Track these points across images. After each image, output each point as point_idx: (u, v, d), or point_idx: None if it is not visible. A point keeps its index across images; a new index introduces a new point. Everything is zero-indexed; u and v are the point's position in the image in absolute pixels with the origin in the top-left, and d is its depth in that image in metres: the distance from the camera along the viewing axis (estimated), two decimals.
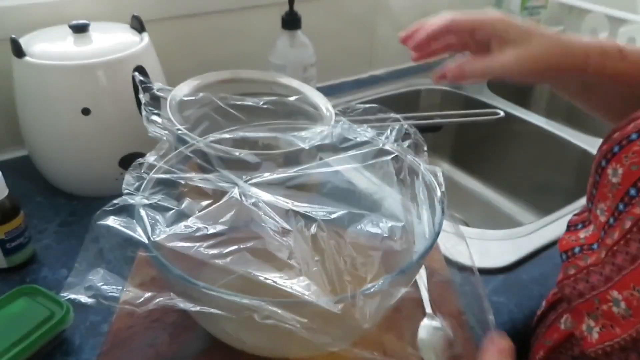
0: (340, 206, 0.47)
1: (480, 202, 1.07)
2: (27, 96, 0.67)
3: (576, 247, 0.45)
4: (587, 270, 0.42)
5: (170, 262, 0.37)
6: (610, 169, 0.40)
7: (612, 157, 0.40)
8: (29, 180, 0.74)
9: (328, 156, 0.52)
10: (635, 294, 0.36)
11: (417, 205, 0.45)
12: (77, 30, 0.68)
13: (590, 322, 0.40)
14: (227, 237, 0.43)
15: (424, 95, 1.12)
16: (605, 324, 0.38)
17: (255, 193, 0.45)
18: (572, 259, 0.45)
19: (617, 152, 0.40)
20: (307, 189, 0.51)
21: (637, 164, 0.38)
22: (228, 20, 0.93)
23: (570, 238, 0.47)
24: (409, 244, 0.44)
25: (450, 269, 0.61)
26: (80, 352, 0.50)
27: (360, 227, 0.47)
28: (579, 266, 0.43)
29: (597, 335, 0.39)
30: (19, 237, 0.58)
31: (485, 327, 0.45)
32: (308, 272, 0.40)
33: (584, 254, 0.44)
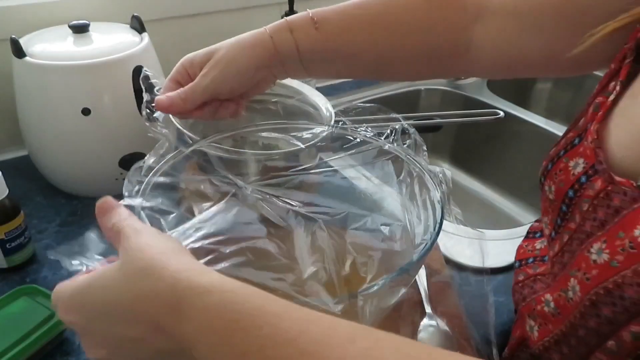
0: (340, 206, 0.47)
1: (480, 202, 1.07)
2: (27, 96, 0.67)
3: (530, 257, 0.49)
4: (534, 278, 0.46)
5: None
6: (546, 186, 0.42)
7: (546, 174, 0.42)
8: (29, 180, 0.74)
9: (328, 156, 0.52)
10: (562, 295, 0.39)
11: (417, 205, 0.45)
12: (77, 30, 0.68)
13: (530, 322, 0.44)
14: (228, 237, 0.43)
15: (424, 95, 1.12)
16: (541, 322, 0.42)
17: (255, 194, 0.45)
18: (523, 267, 0.49)
19: (550, 170, 0.42)
20: (307, 189, 0.51)
21: (563, 181, 0.40)
22: (228, 20, 0.93)
23: (527, 247, 0.51)
24: (409, 244, 0.44)
25: (450, 269, 0.61)
26: (80, 352, 0.50)
27: (360, 227, 0.47)
28: (527, 274, 0.47)
29: (537, 333, 0.42)
30: (19, 237, 0.58)
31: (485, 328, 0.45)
32: (308, 273, 0.40)
33: (536, 264, 0.48)
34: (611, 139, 0.37)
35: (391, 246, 0.45)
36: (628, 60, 0.39)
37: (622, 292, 0.33)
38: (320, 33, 0.49)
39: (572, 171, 0.39)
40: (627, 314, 0.33)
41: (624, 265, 0.33)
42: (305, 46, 0.49)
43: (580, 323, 0.37)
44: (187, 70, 0.51)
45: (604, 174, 0.36)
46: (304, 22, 0.49)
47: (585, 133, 0.39)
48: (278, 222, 0.46)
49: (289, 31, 0.48)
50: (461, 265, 0.62)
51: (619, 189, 0.35)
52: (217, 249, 0.41)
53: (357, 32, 0.50)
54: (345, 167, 0.51)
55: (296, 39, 0.48)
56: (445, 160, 1.16)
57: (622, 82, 0.39)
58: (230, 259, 0.40)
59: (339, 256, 0.42)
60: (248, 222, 0.45)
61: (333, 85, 1.09)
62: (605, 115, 0.39)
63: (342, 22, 0.50)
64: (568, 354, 0.39)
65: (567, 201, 0.39)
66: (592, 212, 0.37)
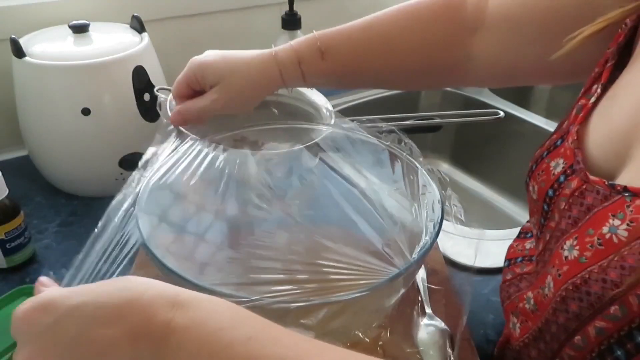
0: (340, 206, 0.47)
1: (480, 202, 1.07)
2: (27, 96, 0.67)
3: (519, 257, 0.50)
4: (520, 277, 0.47)
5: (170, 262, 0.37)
6: (530, 186, 0.43)
7: (530, 175, 0.44)
8: (29, 180, 0.74)
9: (328, 156, 0.52)
10: (540, 292, 0.40)
11: (417, 205, 0.45)
12: (77, 30, 0.68)
13: (514, 319, 0.44)
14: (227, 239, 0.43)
15: (423, 95, 1.12)
16: (522, 319, 0.43)
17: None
18: (512, 266, 0.49)
19: (533, 170, 0.43)
20: (306, 189, 0.51)
21: (545, 181, 0.41)
22: (228, 20, 0.93)
23: (517, 247, 0.52)
24: (409, 244, 0.44)
25: (450, 269, 0.61)
26: None
27: (359, 228, 0.47)
28: (515, 272, 0.48)
29: (519, 330, 0.43)
30: (19, 237, 0.58)
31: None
32: (305, 273, 0.40)
33: (524, 263, 0.48)
34: (589, 140, 0.39)
35: (390, 246, 0.45)
36: (610, 64, 0.40)
37: (588, 287, 0.34)
38: (326, 63, 0.52)
39: (553, 171, 0.40)
40: (592, 310, 0.34)
41: (591, 262, 0.34)
42: (311, 75, 0.52)
43: (552, 319, 0.38)
44: (198, 80, 0.54)
45: (580, 173, 0.37)
46: (312, 53, 0.51)
47: (567, 135, 0.40)
48: (277, 224, 0.46)
49: (297, 63, 0.52)
50: (461, 265, 0.62)
51: (592, 187, 0.36)
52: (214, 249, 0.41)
53: (359, 57, 0.53)
54: (344, 166, 0.50)
55: (304, 70, 0.52)
56: (445, 160, 1.16)
57: (604, 85, 0.40)
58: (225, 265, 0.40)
59: (338, 257, 0.42)
60: (247, 222, 0.45)
61: None
62: (585, 117, 0.40)
63: (345, 48, 0.52)
64: (544, 350, 0.40)
65: (548, 200, 0.40)
66: (568, 210, 0.37)
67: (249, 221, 0.47)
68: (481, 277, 0.61)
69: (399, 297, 0.41)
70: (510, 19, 0.48)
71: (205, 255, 0.44)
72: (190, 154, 0.47)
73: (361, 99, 1.04)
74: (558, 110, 1.19)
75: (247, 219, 0.47)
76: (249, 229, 0.47)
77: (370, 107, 1.04)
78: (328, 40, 0.52)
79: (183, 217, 0.44)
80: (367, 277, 0.38)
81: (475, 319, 0.55)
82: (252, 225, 0.47)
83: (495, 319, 0.56)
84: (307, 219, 0.48)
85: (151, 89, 0.69)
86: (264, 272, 0.40)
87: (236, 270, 0.42)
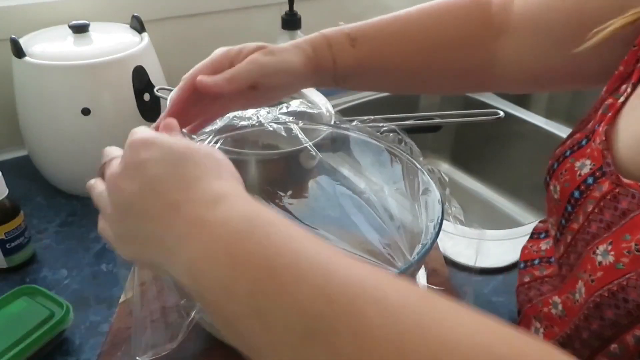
0: (340, 206, 0.47)
1: (480, 202, 1.07)
2: (27, 96, 0.67)
3: (536, 258, 0.48)
4: (541, 280, 0.45)
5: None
6: (552, 185, 0.42)
7: (552, 174, 0.42)
8: (29, 180, 0.74)
9: (328, 156, 0.52)
10: (570, 297, 0.39)
11: (418, 205, 0.45)
12: (77, 30, 0.68)
13: (536, 324, 0.43)
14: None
15: (423, 95, 1.12)
16: (547, 324, 0.42)
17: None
18: (529, 268, 0.48)
19: (555, 169, 0.42)
20: (305, 189, 0.51)
21: (569, 181, 0.39)
22: (228, 20, 0.93)
23: (532, 248, 0.50)
24: (409, 244, 0.44)
25: (450, 269, 0.61)
26: (80, 352, 0.50)
27: (359, 228, 0.47)
28: (534, 275, 0.47)
29: (542, 335, 0.42)
30: (19, 237, 0.58)
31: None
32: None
33: (542, 265, 0.47)
34: (619, 141, 0.37)
35: (391, 247, 0.45)
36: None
37: (626, 294, 0.33)
38: (356, 50, 0.49)
39: (578, 172, 0.39)
40: (630, 317, 0.33)
41: (629, 268, 0.33)
42: (342, 62, 0.49)
43: (584, 325, 0.37)
44: (229, 60, 0.48)
45: (611, 176, 0.36)
46: (342, 39, 0.49)
47: (592, 134, 0.39)
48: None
49: (327, 46, 0.49)
50: (461, 265, 0.62)
51: (626, 191, 0.35)
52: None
53: (392, 49, 0.50)
54: (344, 166, 0.51)
55: (334, 55, 0.49)
56: (445, 160, 1.16)
57: (634, 85, 0.38)
58: None
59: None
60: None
61: None
62: (614, 117, 0.38)
63: (377, 39, 0.50)
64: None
65: (573, 202, 0.39)
66: (599, 213, 0.36)
67: None
68: (481, 277, 0.61)
69: None
70: (535, 20, 0.47)
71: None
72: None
73: (361, 99, 1.04)
74: (558, 111, 1.19)
75: None
76: None
77: (370, 107, 1.04)
78: (358, 28, 0.50)
79: None
80: None
81: None
82: None
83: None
84: (306, 219, 0.48)
85: (151, 89, 0.69)
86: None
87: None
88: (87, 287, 0.57)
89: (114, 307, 0.53)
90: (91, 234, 0.65)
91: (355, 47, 0.49)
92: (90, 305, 0.55)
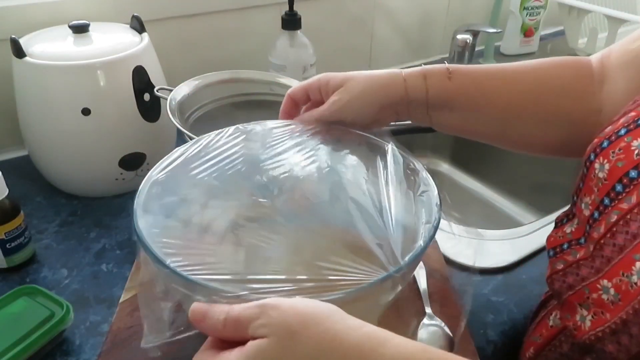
0: (335, 206, 0.47)
1: (480, 202, 1.07)
2: (27, 96, 0.67)
3: (564, 243, 0.47)
4: (577, 264, 0.43)
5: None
6: (597, 164, 0.41)
7: (600, 152, 0.41)
8: (29, 180, 0.74)
9: (325, 155, 0.52)
10: (624, 280, 0.37)
11: (415, 206, 0.45)
12: (77, 30, 0.68)
13: (583, 312, 0.42)
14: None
15: None
16: (596, 311, 0.40)
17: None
18: (560, 254, 0.46)
19: (605, 147, 0.41)
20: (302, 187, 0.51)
21: (623, 160, 0.39)
22: (228, 20, 0.93)
23: (557, 234, 0.49)
24: (403, 246, 0.44)
25: (450, 269, 0.61)
26: (80, 352, 0.50)
27: (354, 227, 0.47)
28: (567, 261, 0.45)
29: (589, 323, 0.41)
30: (19, 237, 0.58)
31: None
32: (305, 273, 0.40)
33: (572, 249, 0.45)
34: None
35: (383, 247, 0.44)
36: None
37: None
38: (452, 83, 0.50)
39: (636, 151, 0.38)
40: None
41: None
42: (435, 92, 0.50)
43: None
44: (320, 89, 0.52)
45: None
46: (439, 71, 0.50)
47: None
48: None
49: (422, 77, 0.50)
50: (461, 265, 0.62)
51: None
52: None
53: (489, 83, 0.51)
54: (341, 166, 0.50)
55: (428, 85, 0.50)
56: (445, 160, 1.16)
57: None
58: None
59: (336, 257, 0.42)
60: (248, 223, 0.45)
61: None
62: None
63: (476, 74, 0.51)
64: (627, 344, 0.37)
65: (626, 181, 0.38)
66: None
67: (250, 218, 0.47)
68: (481, 277, 0.61)
69: (391, 300, 0.41)
70: (633, 65, 0.48)
71: (203, 249, 0.44)
72: (193, 151, 0.47)
73: None
74: None
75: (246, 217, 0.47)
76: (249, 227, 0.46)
77: None
78: (458, 66, 0.51)
79: (184, 212, 0.44)
80: (357, 278, 0.38)
81: (475, 319, 0.55)
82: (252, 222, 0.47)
83: (495, 319, 0.56)
84: (300, 219, 0.47)
85: (151, 89, 0.69)
86: (259, 270, 0.40)
87: (231, 267, 0.42)
88: (87, 287, 0.57)
89: (114, 307, 0.53)
90: (91, 234, 0.65)
91: (451, 80, 0.50)
92: (90, 305, 0.55)
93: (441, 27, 1.23)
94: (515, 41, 1.26)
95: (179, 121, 0.62)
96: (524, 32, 1.25)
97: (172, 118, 0.62)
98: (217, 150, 0.47)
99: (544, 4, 1.24)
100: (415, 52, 1.22)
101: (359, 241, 0.42)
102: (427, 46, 1.23)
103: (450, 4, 1.22)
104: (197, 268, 0.36)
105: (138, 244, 0.38)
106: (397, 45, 1.18)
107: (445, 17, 1.22)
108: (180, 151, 0.47)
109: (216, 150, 0.47)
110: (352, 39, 1.10)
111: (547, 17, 1.27)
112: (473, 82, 0.51)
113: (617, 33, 1.15)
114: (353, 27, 1.09)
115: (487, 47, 1.23)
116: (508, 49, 1.28)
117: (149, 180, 0.44)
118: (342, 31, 1.08)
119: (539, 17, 1.25)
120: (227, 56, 0.96)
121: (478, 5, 1.27)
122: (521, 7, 1.22)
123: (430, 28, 1.21)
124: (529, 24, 1.25)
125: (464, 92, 0.50)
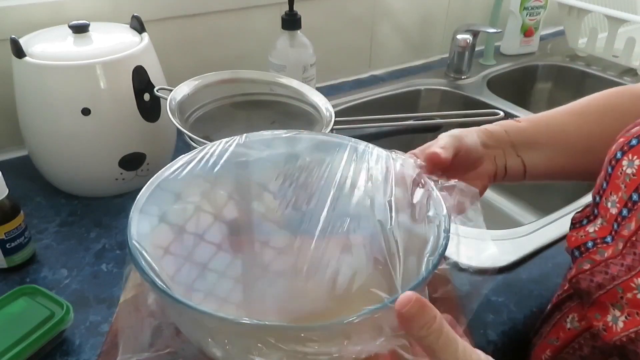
0: (339, 207, 0.47)
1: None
2: (27, 96, 0.67)
3: (588, 241, 0.46)
4: (606, 263, 0.42)
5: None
6: (625, 160, 0.42)
7: (629, 150, 0.42)
8: (29, 180, 0.74)
9: (331, 165, 0.51)
10: None
11: (423, 227, 0.44)
12: (77, 30, 0.68)
13: (615, 312, 0.41)
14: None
15: (424, 95, 1.12)
16: (630, 312, 0.39)
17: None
18: (585, 254, 0.45)
19: (635, 145, 0.41)
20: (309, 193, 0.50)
21: None
22: (228, 20, 0.93)
23: (578, 234, 0.48)
24: (404, 271, 0.43)
25: (450, 269, 0.61)
26: (80, 352, 0.50)
27: (358, 230, 0.46)
28: (594, 260, 0.44)
29: (622, 324, 0.40)
30: (19, 237, 0.58)
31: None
32: (310, 282, 0.39)
33: (599, 247, 0.44)
34: None
35: (398, 251, 0.43)
36: None
37: None
38: (525, 123, 0.54)
39: None
40: None
41: None
42: (513, 131, 0.53)
43: None
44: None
45: None
46: (506, 121, 0.55)
47: None
48: (277, 229, 0.45)
49: (499, 125, 0.54)
50: (461, 265, 0.62)
51: None
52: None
53: (564, 117, 0.54)
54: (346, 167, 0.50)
55: (505, 127, 0.53)
56: None
57: None
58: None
59: (340, 264, 0.42)
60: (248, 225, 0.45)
61: (333, 85, 1.09)
62: None
63: (538, 115, 0.56)
64: None
65: None
66: None
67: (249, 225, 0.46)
68: (481, 277, 0.61)
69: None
70: None
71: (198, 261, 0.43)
72: (196, 158, 0.46)
73: (361, 99, 1.04)
74: None
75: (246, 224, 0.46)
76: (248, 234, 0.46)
77: (370, 107, 1.04)
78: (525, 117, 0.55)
79: (181, 218, 0.44)
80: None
81: (475, 319, 0.55)
82: (252, 229, 0.46)
83: (495, 319, 0.56)
84: (302, 231, 0.46)
85: (151, 89, 0.69)
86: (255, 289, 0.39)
87: (228, 287, 0.41)
88: (87, 287, 0.57)
89: (114, 307, 0.53)
90: (91, 234, 0.65)
91: (522, 121, 0.54)
92: (90, 305, 0.55)
93: (441, 27, 1.23)
94: (515, 41, 1.26)
95: (179, 121, 0.62)
96: (524, 32, 1.26)
97: (172, 118, 0.62)
98: (222, 158, 0.46)
99: (544, 4, 1.24)
100: (415, 52, 1.22)
101: (363, 260, 0.42)
102: (427, 46, 1.23)
103: (450, 4, 1.22)
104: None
105: (129, 258, 0.36)
106: (397, 45, 1.18)
107: (445, 17, 1.23)
108: (186, 159, 0.45)
109: (222, 158, 0.46)
110: (352, 39, 1.10)
111: (547, 17, 1.27)
112: (545, 117, 0.55)
113: (617, 33, 1.15)
114: (353, 27, 1.09)
115: (487, 47, 1.23)
116: (508, 49, 1.28)
117: (150, 187, 0.42)
118: (342, 31, 1.08)
119: (539, 17, 1.25)
120: (227, 56, 0.96)
121: (478, 5, 1.27)
122: (521, 7, 1.22)
123: (430, 28, 1.21)
124: (529, 24, 1.25)
125: (538, 126, 0.54)
